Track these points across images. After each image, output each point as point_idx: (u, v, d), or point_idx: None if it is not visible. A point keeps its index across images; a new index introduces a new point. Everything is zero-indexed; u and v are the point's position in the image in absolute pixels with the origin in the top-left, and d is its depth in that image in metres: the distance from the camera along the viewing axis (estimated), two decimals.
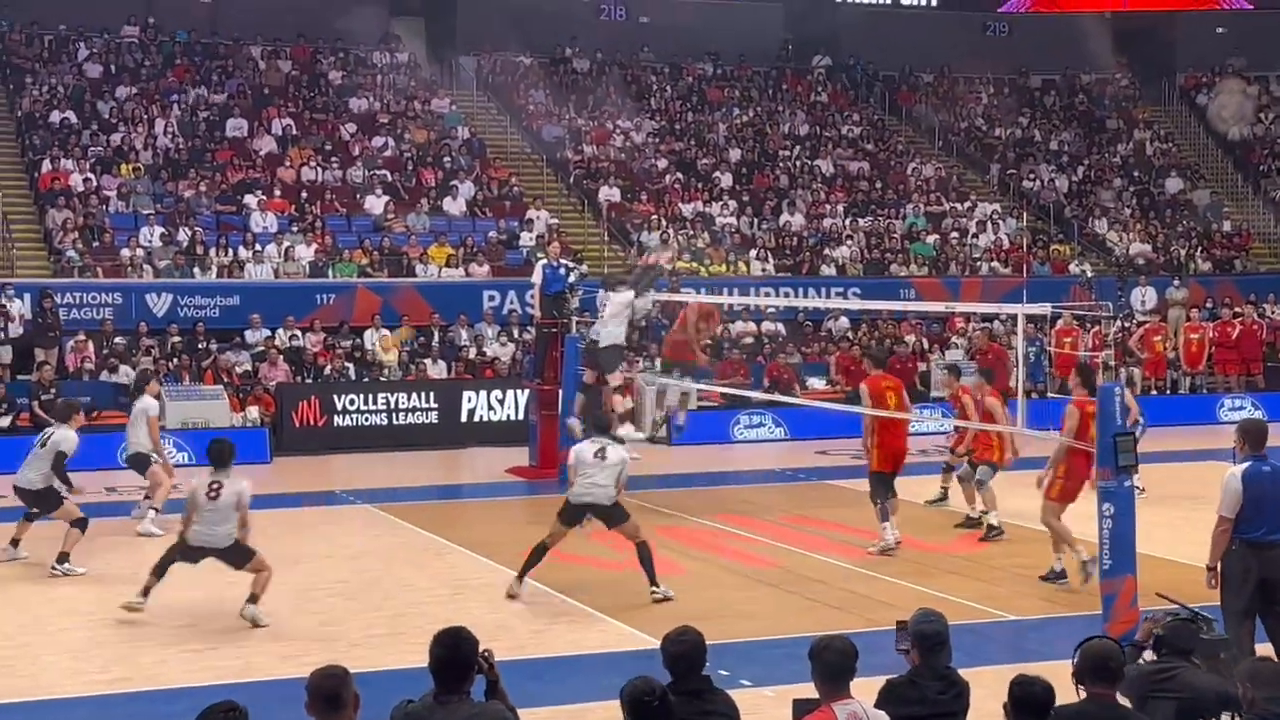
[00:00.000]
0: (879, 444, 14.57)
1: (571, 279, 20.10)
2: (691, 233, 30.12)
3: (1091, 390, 11.99)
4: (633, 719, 5.56)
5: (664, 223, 30.13)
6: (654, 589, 12.39)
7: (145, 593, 11.85)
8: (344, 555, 14.78)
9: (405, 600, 12.66)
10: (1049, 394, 24.19)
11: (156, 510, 16.10)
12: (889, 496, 14.64)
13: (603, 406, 17.53)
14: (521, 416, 22.46)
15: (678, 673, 6.10)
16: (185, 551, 11.91)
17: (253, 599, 11.74)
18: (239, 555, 11.86)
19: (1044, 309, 14.73)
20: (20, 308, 23.70)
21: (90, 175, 27.85)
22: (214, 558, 11.85)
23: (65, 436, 14.59)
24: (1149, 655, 6.90)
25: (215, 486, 11.78)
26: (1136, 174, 37.09)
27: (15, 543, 14.56)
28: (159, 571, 11.92)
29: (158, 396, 17.61)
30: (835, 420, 22.26)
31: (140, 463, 16.61)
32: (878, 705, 6.09)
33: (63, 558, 13.91)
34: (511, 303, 26.47)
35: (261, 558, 11.86)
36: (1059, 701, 5.77)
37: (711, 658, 6.23)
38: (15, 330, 23.39)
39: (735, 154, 34.26)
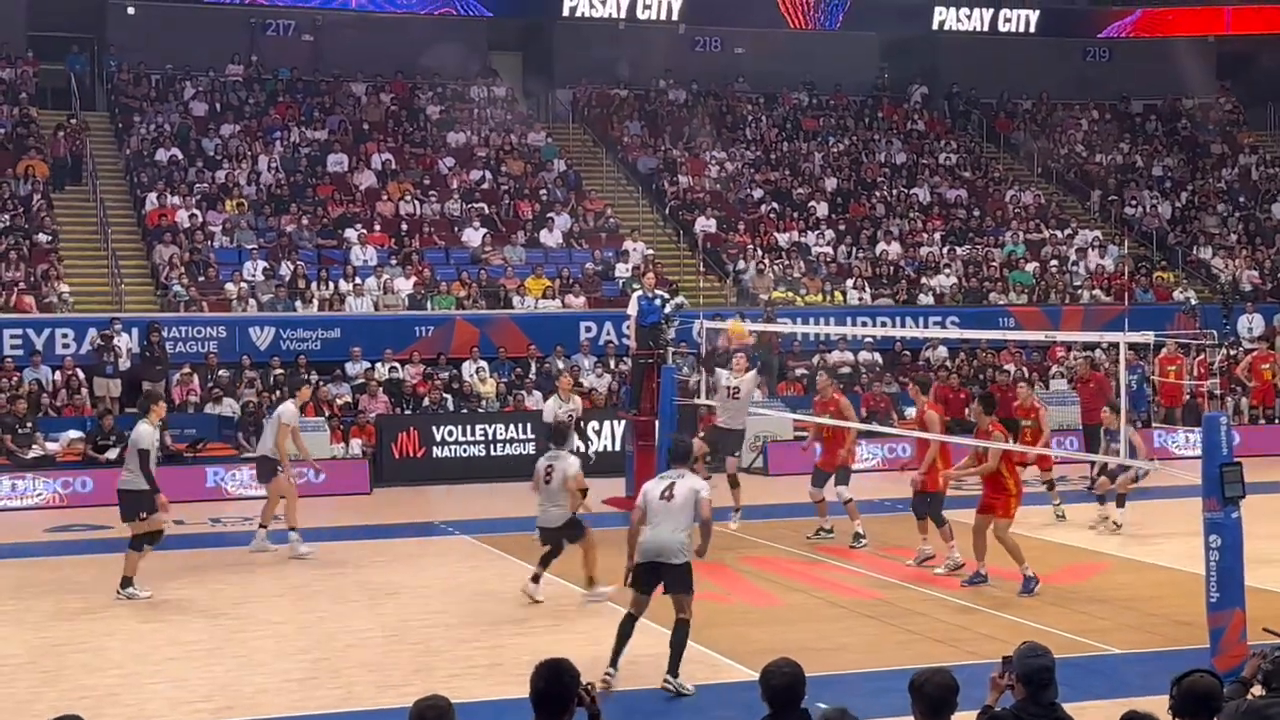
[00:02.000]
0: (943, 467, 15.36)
1: (667, 310, 20.10)
2: (787, 262, 30.08)
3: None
4: None
5: (760, 252, 30.13)
6: (666, 680, 10.61)
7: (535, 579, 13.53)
8: (442, 586, 14.84)
9: (504, 632, 12.66)
10: (1153, 424, 23.84)
11: (264, 528, 16.03)
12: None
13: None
14: (618, 447, 22.49)
15: (777, 705, 6.06)
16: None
17: (589, 581, 13.25)
18: (572, 530, 13.34)
19: (1146, 337, 14.53)
20: (128, 342, 24.15)
21: (196, 211, 28.38)
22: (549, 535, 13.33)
23: (140, 432, 14.03)
24: (1257, 691, 6.76)
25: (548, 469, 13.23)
26: (1242, 199, 36.50)
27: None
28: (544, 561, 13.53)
29: (303, 408, 17.27)
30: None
31: (265, 467, 16.37)
32: None
33: (125, 582, 13.76)
34: (608, 334, 26.56)
35: (591, 535, 13.27)
36: None
37: (810, 690, 6.19)
38: (124, 364, 23.82)
39: (831, 183, 34.18)
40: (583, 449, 18.87)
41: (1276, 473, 20.44)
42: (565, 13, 35.70)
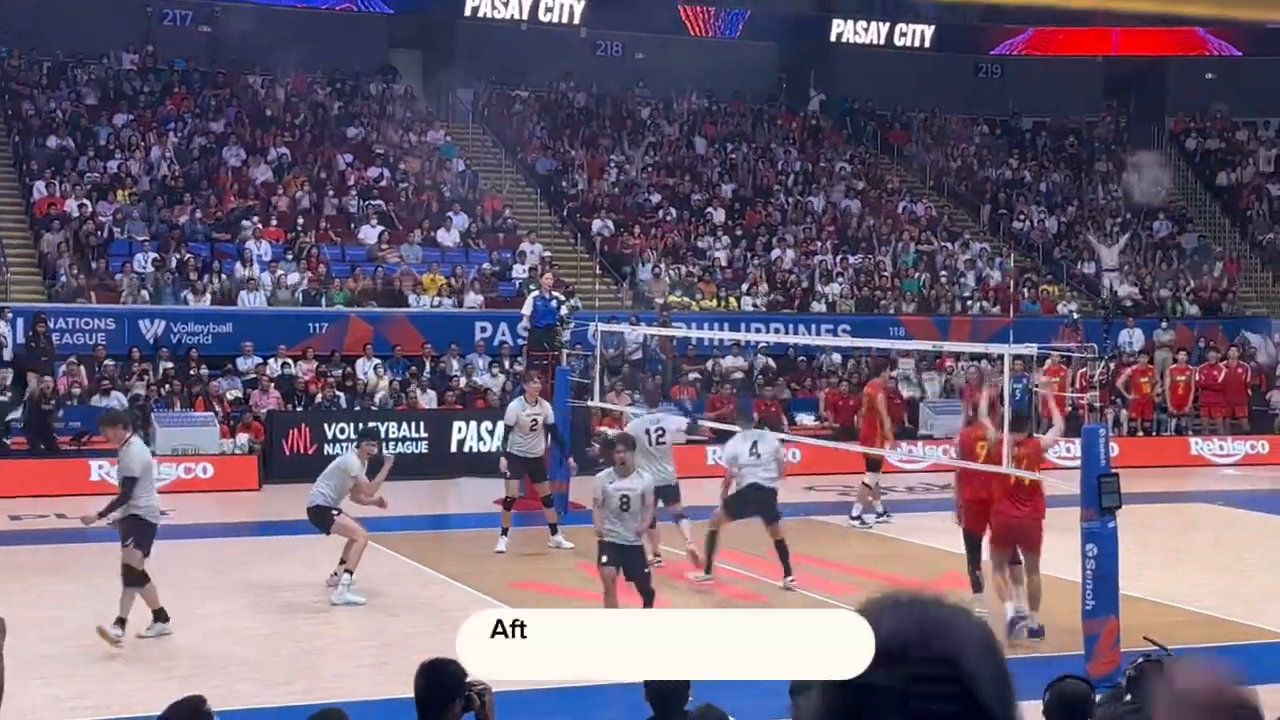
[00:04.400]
0: (965, 499, 13.39)
1: (563, 312, 20.10)
2: (683, 267, 30.19)
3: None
4: None
5: (656, 257, 30.20)
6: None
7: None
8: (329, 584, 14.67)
9: (392, 632, 12.59)
10: (1034, 433, 24.16)
11: (351, 573, 13.98)
12: (979, 565, 13.18)
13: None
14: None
15: (659, 708, 6.07)
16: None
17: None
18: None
19: (1030, 349, 14.76)
20: (12, 331, 23.65)
21: (86, 201, 27.85)
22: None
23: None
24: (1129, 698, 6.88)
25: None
26: (1126, 216, 37.24)
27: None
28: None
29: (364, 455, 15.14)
30: (823, 456, 22.29)
31: (320, 517, 14.43)
32: None
33: (120, 622, 11.98)
34: (503, 334, 26.46)
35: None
36: None
37: (695, 693, 6.20)
38: (7, 355, 23.33)
39: (728, 189, 34.36)
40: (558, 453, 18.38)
41: (1153, 484, 20.86)
42: (467, 12, 35.55)
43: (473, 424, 23.57)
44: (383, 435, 22.95)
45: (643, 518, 12.08)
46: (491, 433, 23.29)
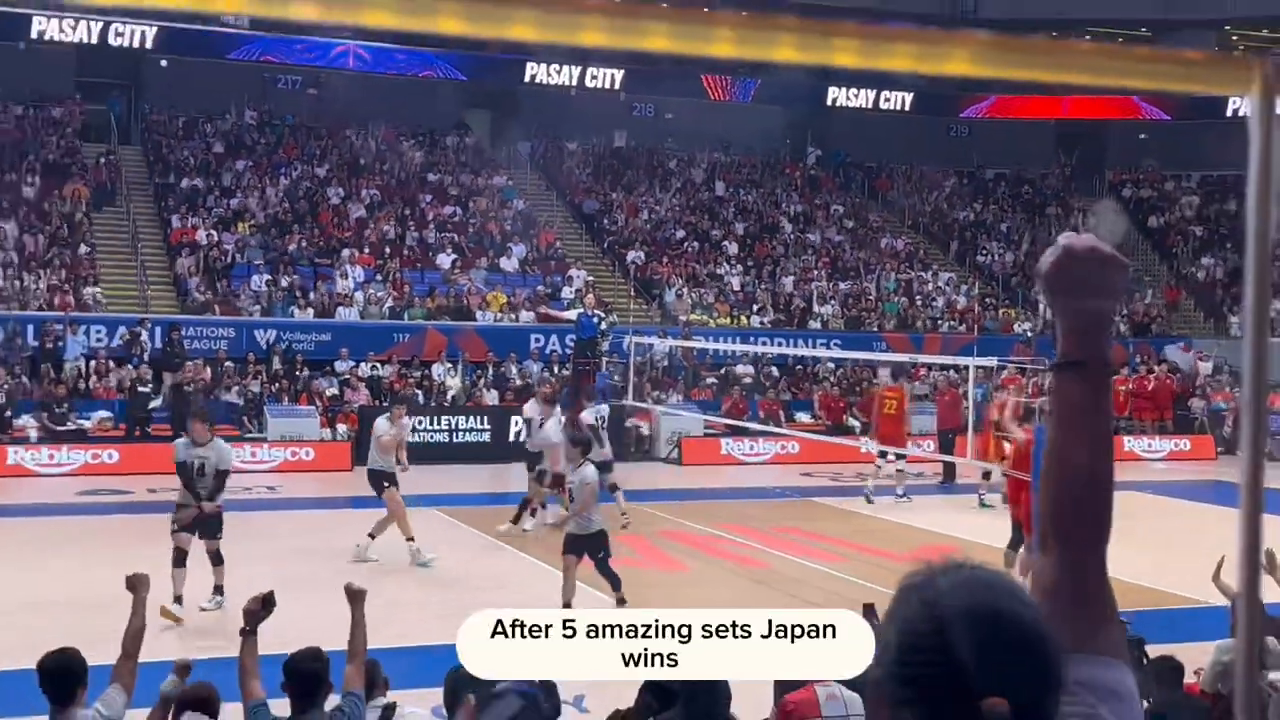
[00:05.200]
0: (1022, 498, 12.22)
1: (602, 327, 20.11)
2: (703, 290, 30.18)
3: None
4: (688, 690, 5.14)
5: (680, 282, 30.20)
6: None
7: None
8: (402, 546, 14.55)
9: (460, 587, 12.58)
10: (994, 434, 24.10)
11: (372, 537, 13.81)
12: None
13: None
14: (559, 438, 22.40)
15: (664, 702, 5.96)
16: None
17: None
18: None
19: (991, 361, 14.71)
20: (151, 338, 23.82)
21: (213, 231, 28.03)
22: None
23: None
24: None
25: None
26: None
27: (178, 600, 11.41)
28: None
29: (395, 420, 14.68)
30: (817, 448, 22.29)
31: (372, 480, 14.26)
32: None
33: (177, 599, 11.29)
34: (553, 344, 26.50)
35: None
36: None
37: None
38: (147, 356, 23.49)
39: (740, 227, 34.31)
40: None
41: None
42: (527, 79, 35.61)
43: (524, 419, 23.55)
44: (452, 425, 23.13)
45: (581, 503, 11.18)
46: (542, 425, 23.27)
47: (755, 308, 30.03)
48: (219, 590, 11.62)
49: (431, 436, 23.07)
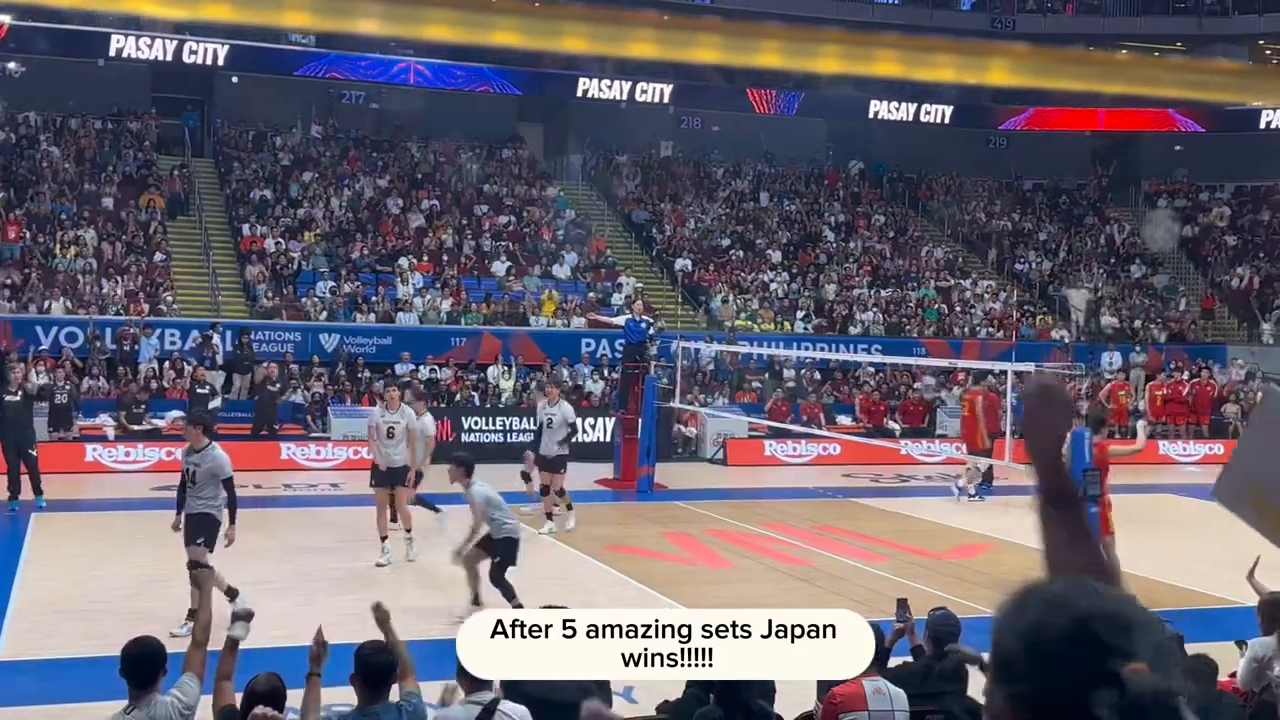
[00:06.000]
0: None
1: (651, 331, 20.13)
2: (748, 297, 30.10)
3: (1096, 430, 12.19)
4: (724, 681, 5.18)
5: (726, 289, 30.14)
6: None
7: None
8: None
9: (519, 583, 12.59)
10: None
11: (409, 535, 13.36)
12: None
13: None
14: (608, 439, 22.47)
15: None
16: None
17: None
18: None
19: (1029, 367, 14.56)
20: (223, 341, 24.09)
21: (280, 240, 28.31)
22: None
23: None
24: None
25: None
26: (1111, 261, 36.63)
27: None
28: None
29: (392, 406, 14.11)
30: (858, 449, 22.16)
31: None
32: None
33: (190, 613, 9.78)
34: (603, 348, 26.53)
35: None
36: None
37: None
38: (219, 359, 23.75)
39: (784, 236, 34.19)
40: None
41: (1127, 479, 20.46)
42: (579, 93, 35.71)
43: (579, 420, 23.53)
44: (506, 425, 23.18)
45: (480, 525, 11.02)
46: (594, 426, 23.35)
47: (799, 314, 29.91)
48: (192, 616, 9.26)
49: (486, 436, 23.16)
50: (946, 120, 39.33)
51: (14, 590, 11.39)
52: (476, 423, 23.07)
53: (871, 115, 38.59)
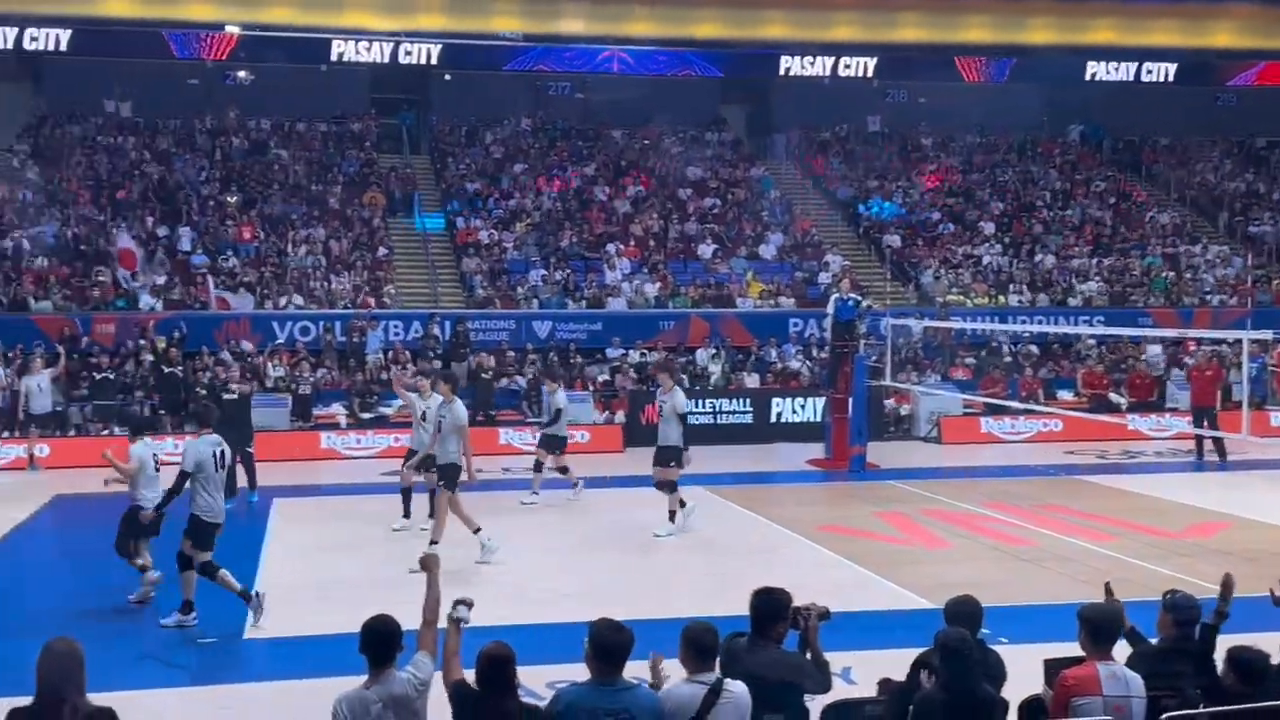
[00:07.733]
0: None
1: (860, 309, 19.84)
2: (959, 271, 29.32)
3: None
4: (944, 660, 5.26)
5: (937, 263, 29.43)
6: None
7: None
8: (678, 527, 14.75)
9: (729, 564, 12.60)
10: (1266, 405, 22.63)
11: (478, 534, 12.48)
12: None
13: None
14: (818, 418, 22.28)
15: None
16: None
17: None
18: None
19: (1266, 335, 13.72)
20: (441, 331, 24.96)
21: (494, 231, 29.11)
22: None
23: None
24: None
25: None
26: None
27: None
28: None
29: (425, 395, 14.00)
30: (1081, 425, 21.35)
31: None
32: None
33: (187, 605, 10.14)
34: (811, 328, 26.31)
35: None
36: None
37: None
38: (439, 349, 24.60)
39: (997, 207, 33.14)
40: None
41: None
42: (781, 72, 35.38)
43: (788, 400, 23.52)
44: (716, 407, 23.22)
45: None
46: (803, 407, 23.20)
47: (1014, 287, 28.96)
48: (187, 608, 10.15)
49: (695, 419, 23.19)
50: (1170, 79, 37.31)
51: (259, 571, 12.08)
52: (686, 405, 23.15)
53: (1089, 77, 36.94)
